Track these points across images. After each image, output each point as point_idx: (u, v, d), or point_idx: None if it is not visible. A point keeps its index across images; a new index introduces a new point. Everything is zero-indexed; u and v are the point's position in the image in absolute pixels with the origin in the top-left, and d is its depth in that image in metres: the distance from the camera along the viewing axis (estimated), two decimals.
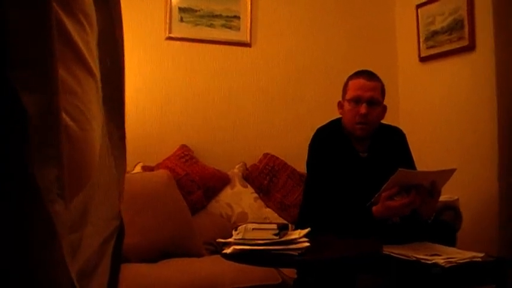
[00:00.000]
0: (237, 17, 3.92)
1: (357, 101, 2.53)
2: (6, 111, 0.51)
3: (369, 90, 2.54)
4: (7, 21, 0.51)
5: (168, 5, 3.75)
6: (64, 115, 0.60)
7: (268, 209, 3.53)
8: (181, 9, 3.79)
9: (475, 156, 3.48)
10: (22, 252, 0.53)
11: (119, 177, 0.83)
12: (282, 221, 3.29)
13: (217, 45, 3.88)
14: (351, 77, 2.65)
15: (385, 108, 2.63)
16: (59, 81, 0.57)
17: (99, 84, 0.73)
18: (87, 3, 0.69)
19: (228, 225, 3.21)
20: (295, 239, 1.90)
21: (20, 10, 0.53)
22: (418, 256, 2.19)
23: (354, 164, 2.56)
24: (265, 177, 3.67)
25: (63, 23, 0.63)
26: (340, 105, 2.67)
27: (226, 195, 3.51)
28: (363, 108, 2.50)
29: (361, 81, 2.57)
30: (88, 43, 0.69)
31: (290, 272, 2.61)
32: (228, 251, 1.90)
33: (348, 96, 2.58)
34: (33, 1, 0.54)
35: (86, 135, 0.66)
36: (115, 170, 0.82)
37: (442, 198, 2.55)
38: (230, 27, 3.90)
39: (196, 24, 3.82)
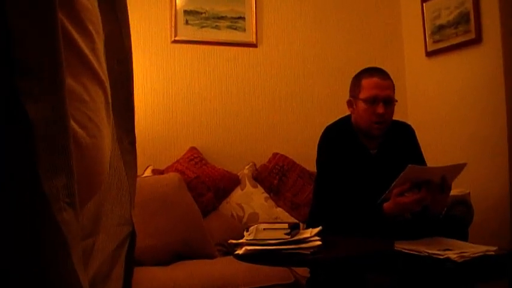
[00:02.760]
0: (242, 18, 3.92)
1: (373, 100, 2.48)
2: (11, 120, 0.51)
3: (385, 89, 2.50)
4: (12, 31, 0.51)
5: (173, 8, 3.76)
6: (72, 123, 0.60)
7: (279, 209, 3.53)
8: (187, 12, 3.79)
9: (486, 150, 3.46)
10: (31, 261, 0.52)
11: (130, 183, 0.83)
12: (293, 220, 3.28)
13: (223, 47, 3.88)
14: (362, 75, 2.58)
15: None
16: (65, 89, 0.57)
17: (108, 91, 0.73)
18: (93, 11, 0.69)
19: (239, 226, 3.22)
20: (307, 238, 1.90)
21: (25, 19, 0.53)
22: (430, 251, 2.17)
23: (364, 162, 2.55)
24: (275, 176, 3.66)
25: (69, 32, 0.63)
26: (350, 103, 2.62)
27: (237, 196, 3.51)
28: (380, 108, 2.47)
29: (375, 80, 2.51)
30: (95, 50, 0.69)
31: (303, 271, 2.61)
32: (240, 251, 1.91)
33: (362, 96, 2.51)
34: (38, 11, 0.54)
35: (95, 142, 0.66)
36: (126, 176, 0.82)
37: (453, 192, 2.54)
38: (236, 29, 3.90)
39: (202, 27, 3.83)
